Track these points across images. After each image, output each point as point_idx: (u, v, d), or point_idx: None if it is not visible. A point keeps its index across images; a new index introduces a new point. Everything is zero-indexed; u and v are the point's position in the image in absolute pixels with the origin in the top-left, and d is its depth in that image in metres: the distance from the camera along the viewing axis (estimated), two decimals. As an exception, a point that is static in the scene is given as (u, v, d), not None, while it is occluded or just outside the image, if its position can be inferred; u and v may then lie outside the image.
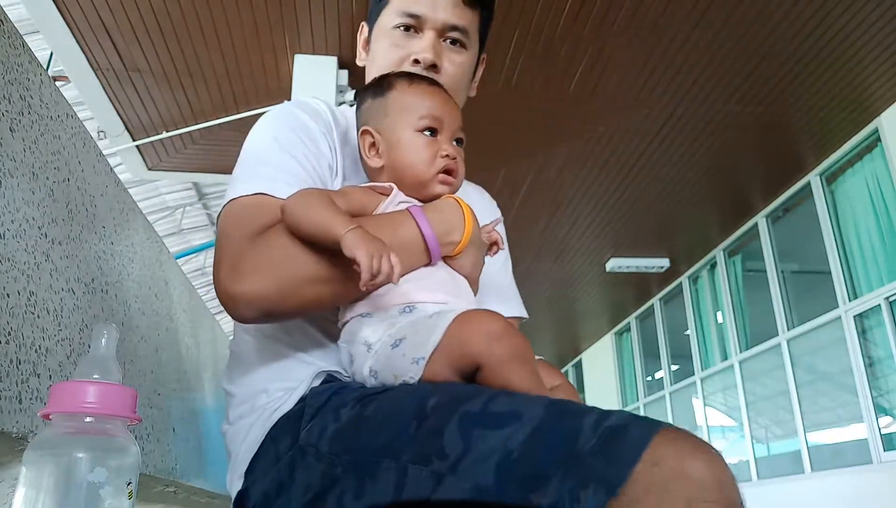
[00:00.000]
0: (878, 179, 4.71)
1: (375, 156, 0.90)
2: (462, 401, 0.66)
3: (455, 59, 1.03)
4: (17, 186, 0.79)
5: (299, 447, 0.79)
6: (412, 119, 0.88)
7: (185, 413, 1.49)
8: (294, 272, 0.78)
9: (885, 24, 3.68)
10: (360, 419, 0.74)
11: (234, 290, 0.78)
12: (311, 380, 0.87)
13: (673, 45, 3.79)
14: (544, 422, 0.59)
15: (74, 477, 0.53)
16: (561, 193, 5.48)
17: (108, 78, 4.07)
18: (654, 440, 0.54)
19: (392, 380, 0.78)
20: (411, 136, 0.88)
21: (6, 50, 0.82)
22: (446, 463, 0.62)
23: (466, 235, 0.85)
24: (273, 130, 0.93)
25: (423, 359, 0.74)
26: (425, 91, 0.91)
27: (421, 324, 0.78)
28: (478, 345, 0.72)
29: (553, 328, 9.50)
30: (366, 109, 0.93)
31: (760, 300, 5.90)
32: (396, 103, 0.90)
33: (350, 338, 0.84)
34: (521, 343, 0.74)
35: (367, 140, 0.91)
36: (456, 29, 1.01)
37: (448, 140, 0.89)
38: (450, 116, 0.90)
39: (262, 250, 0.79)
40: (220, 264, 0.81)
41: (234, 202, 0.85)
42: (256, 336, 0.94)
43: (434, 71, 0.99)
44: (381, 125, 0.90)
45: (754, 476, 5.98)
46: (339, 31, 3.70)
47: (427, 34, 1.00)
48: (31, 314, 0.78)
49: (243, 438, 0.88)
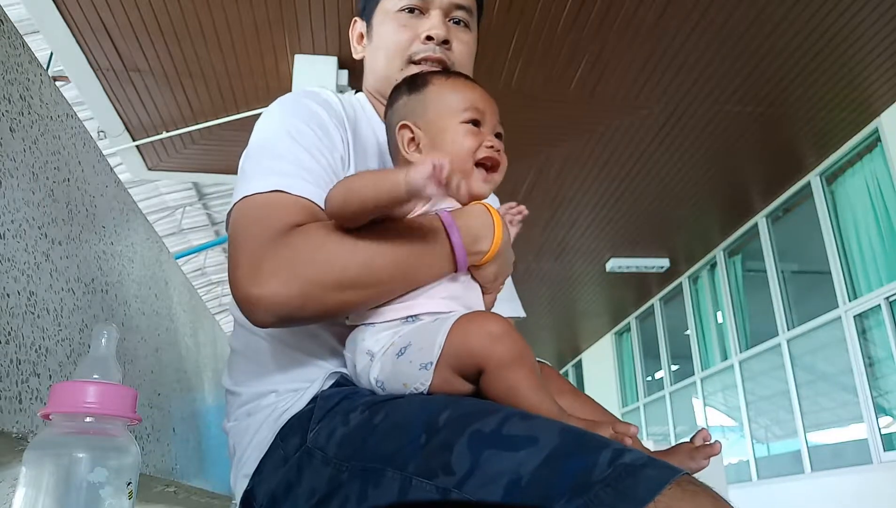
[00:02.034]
0: (878, 180, 4.71)
1: (415, 151, 0.88)
2: (475, 418, 0.64)
3: (462, 37, 1.04)
4: (17, 186, 0.79)
5: (307, 448, 0.78)
6: (456, 111, 0.87)
7: (185, 413, 1.49)
8: (318, 277, 0.75)
9: (885, 24, 3.68)
10: (370, 425, 0.73)
11: (254, 293, 0.74)
12: (322, 381, 0.86)
13: (673, 45, 3.79)
14: (559, 451, 0.58)
15: (74, 477, 0.53)
16: (561, 193, 5.48)
17: (108, 78, 4.07)
18: (669, 487, 0.52)
19: (402, 389, 0.76)
20: (456, 126, 0.87)
21: (6, 50, 0.82)
22: (452, 479, 0.61)
23: (495, 245, 0.82)
24: (285, 121, 0.90)
25: (432, 364, 0.73)
26: (466, 84, 0.91)
27: (424, 329, 0.77)
28: (479, 346, 0.72)
29: (553, 328, 9.49)
30: (401, 106, 0.91)
31: (760, 300, 5.90)
32: (437, 97, 0.89)
33: (353, 346, 0.83)
34: (522, 345, 0.73)
35: (407, 135, 0.88)
36: (461, 8, 1.03)
37: (490, 132, 0.88)
38: (491, 110, 0.89)
39: (285, 251, 0.75)
40: (238, 266, 0.77)
41: (249, 200, 0.82)
42: (258, 335, 0.92)
43: (446, 47, 1.01)
44: (422, 120, 0.88)
45: (754, 476, 5.98)
46: (339, 31, 3.70)
47: (434, 13, 1.01)
48: (31, 314, 0.78)
49: (250, 437, 0.86)
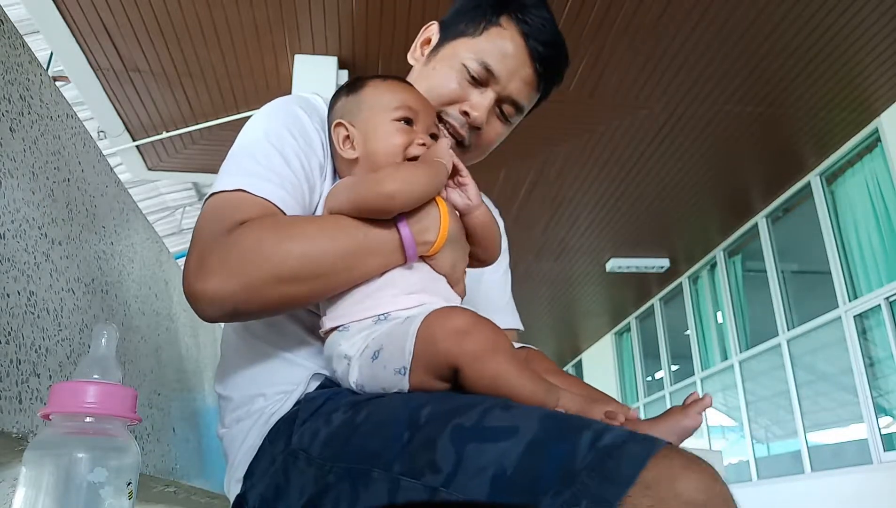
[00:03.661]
0: (878, 180, 4.71)
1: (350, 148, 0.89)
2: (457, 413, 0.64)
3: (497, 127, 1.02)
4: (17, 187, 0.79)
5: (291, 450, 0.78)
6: (388, 109, 0.88)
7: (185, 413, 1.49)
8: (258, 271, 0.75)
9: (885, 24, 3.68)
10: (352, 424, 0.73)
11: (199, 288, 0.75)
12: (307, 383, 0.86)
13: (673, 45, 3.79)
14: (540, 438, 0.58)
15: (74, 477, 0.53)
16: (561, 193, 5.48)
17: (108, 78, 4.07)
18: (653, 458, 0.52)
19: (381, 392, 0.76)
20: (387, 124, 0.87)
21: (6, 50, 0.82)
22: (439, 477, 0.61)
23: (442, 234, 0.82)
24: (264, 124, 0.91)
25: (406, 369, 0.73)
26: (401, 85, 0.91)
27: (395, 332, 0.76)
28: (447, 346, 0.71)
29: (553, 328, 9.49)
30: (339, 107, 0.92)
31: (760, 300, 5.90)
32: (371, 96, 0.90)
33: (330, 352, 0.83)
34: (492, 333, 0.72)
35: (342, 133, 0.89)
36: (515, 105, 1.01)
37: (424, 132, 0.89)
38: (425, 110, 0.90)
39: (228, 247, 0.76)
40: (188, 262, 0.78)
41: (215, 197, 0.83)
42: (245, 339, 0.93)
43: (474, 132, 0.99)
44: (357, 118, 0.89)
45: (754, 476, 5.98)
46: (339, 31, 3.70)
47: (488, 93, 0.98)
48: (31, 314, 0.78)
49: (241, 442, 0.87)
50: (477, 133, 1.00)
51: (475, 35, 0.99)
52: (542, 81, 1.01)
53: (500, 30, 0.98)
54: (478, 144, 1.01)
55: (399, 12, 3.54)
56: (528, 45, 0.97)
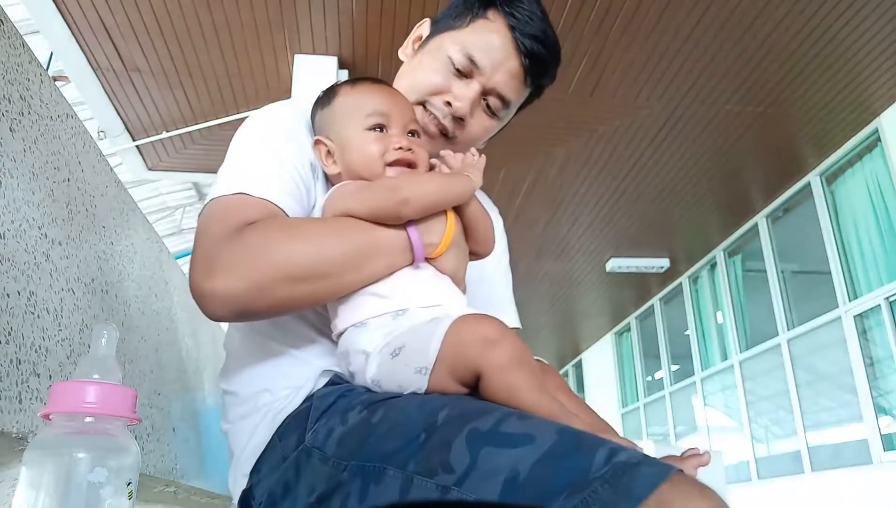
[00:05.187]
0: (878, 180, 4.71)
1: (332, 164, 0.89)
2: (473, 417, 0.65)
3: (484, 121, 1.01)
4: (17, 187, 0.79)
5: (305, 448, 0.78)
6: (359, 119, 0.88)
7: (185, 413, 1.49)
8: (267, 270, 0.76)
9: (885, 24, 3.68)
10: (368, 424, 0.73)
11: (207, 287, 0.76)
12: (316, 379, 0.86)
13: (673, 45, 3.79)
14: (556, 449, 0.59)
15: (74, 477, 0.53)
16: (561, 193, 5.48)
17: (108, 78, 4.07)
18: (665, 483, 0.53)
19: (398, 390, 0.76)
20: (360, 134, 0.87)
21: (6, 50, 0.82)
22: (452, 477, 0.61)
23: (447, 236, 0.83)
24: (258, 129, 0.92)
25: (427, 369, 0.73)
26: (368, 89, 0.91)
27: (419, 331, 0.77)
28: (475, 352, 0.71)
29: (553, 327, 9.50)
30: (317, 122, 0.92)
31: (760, 300, 5.90)
32: (342, 107, 0.90)
33: (346, 349, 0.83)
34: (519, 346, 0.73)
35: (323, 149, 0.90)
36: (501, 99, 1.00)
37: (401, 133, 0.88)
38: (398, 110, 0.89)
39: (237, 247, 0.77)
40: (194, 262, 0.79)
41: (215, 201, 0.84)
42: (251, 336, 0.93)
43: (458, 124, 0.98)
44: (332, 132, 0.89)
45: (754, 476, 5.98)
46: (339, 31, 3.70)
47: (473, 85, 0.97)
48: (31, 314, 0.78)
49: (248, 438, 0.87)
50: (462, 125, 0.99)
51: (462, 28, 0.99)
52: (529, 75, 1.00)
53: (486, 22, 0.98)
54: (464, 137, 1.00)
55: (399, 12, 3.54)
56: (514, 37, 0.97)
